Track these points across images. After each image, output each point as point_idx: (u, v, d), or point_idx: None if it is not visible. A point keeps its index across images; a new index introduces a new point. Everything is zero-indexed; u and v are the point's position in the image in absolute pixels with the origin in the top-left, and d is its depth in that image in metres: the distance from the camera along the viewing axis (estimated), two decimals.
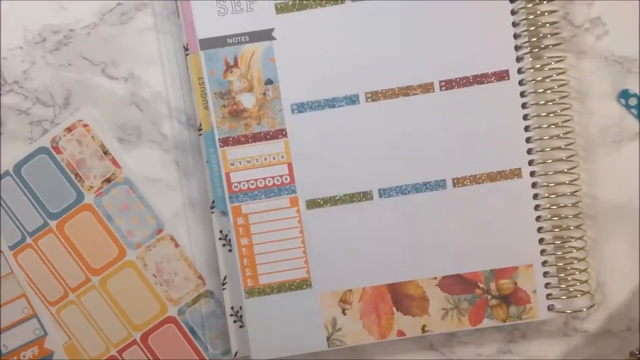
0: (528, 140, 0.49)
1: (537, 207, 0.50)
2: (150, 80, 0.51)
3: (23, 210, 0.51)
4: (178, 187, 0.52)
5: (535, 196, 0.49)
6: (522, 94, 0.49)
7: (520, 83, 0.49)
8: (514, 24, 0.48)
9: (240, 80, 0.49)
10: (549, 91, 0.49)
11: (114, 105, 0.51)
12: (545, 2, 0.49)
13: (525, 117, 0.49)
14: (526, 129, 0.49)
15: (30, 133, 0.51)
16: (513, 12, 0.48)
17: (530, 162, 0.49)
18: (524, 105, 0.49)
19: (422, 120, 0.49)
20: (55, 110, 0.51)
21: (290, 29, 0.49)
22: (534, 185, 0.49)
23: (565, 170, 0.49)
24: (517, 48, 0.48)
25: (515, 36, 0.48)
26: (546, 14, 0.49)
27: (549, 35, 0.49)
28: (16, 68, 0.51)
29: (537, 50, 0.49)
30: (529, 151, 0.49)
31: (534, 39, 0.48)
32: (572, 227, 0.50)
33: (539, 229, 0.50)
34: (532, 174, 0.49)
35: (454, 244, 0.50)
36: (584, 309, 0.50)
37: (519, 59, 0.48)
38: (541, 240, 0.50)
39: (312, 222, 0.50)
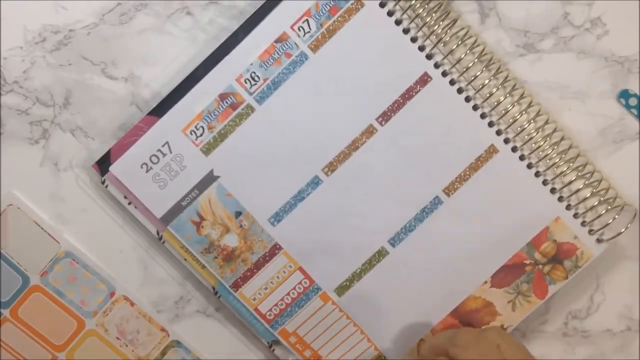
0: (483, 116, 0.49)
1: (529, 166, 0.49)
2: (150, 81, 0.51)
3: None
4: None
5: (522, 157, 0.49)
6: (452, 82, 0.48)
7: (451, 83, 0.48)
8: (405, 31, 0.48)
9: (215, 228, 0.50)
10: (480, 73, 0.48)
11: (114, 105, 0.51)
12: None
13: (467, 99, 0.49)
14: (475, 107, 0.49)
15: (30, 133, 0.51)
16: (397, 23, 0.48)
17: (502, 137, 0.49)
18: (460, 91, 0.49)
19: (385, 159, 0.49)
20: (55, 110, 0.51)
21: (224, 161, 0.49)
22: (514, 149, 0.49)
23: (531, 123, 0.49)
24: (429, 57, 0.48)
25: (419, 46, 0.48)
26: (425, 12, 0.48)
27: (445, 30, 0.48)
28: (16, 68, 0.50)
29: (445, 45, 0.48)
30: (490, 124, 0.49)
31: (434, 38, 0.48)
32: (564, 158, 0.49)
33: (544, 182, 0.49)
34: (514, 149, 0.49)
35: (481, 243, 0.50)
36: (628, 225, 0.49)
37: (437, 65, 0.48)
38: (553, 190, 0.49)
39: (350, 303, 0.51)
